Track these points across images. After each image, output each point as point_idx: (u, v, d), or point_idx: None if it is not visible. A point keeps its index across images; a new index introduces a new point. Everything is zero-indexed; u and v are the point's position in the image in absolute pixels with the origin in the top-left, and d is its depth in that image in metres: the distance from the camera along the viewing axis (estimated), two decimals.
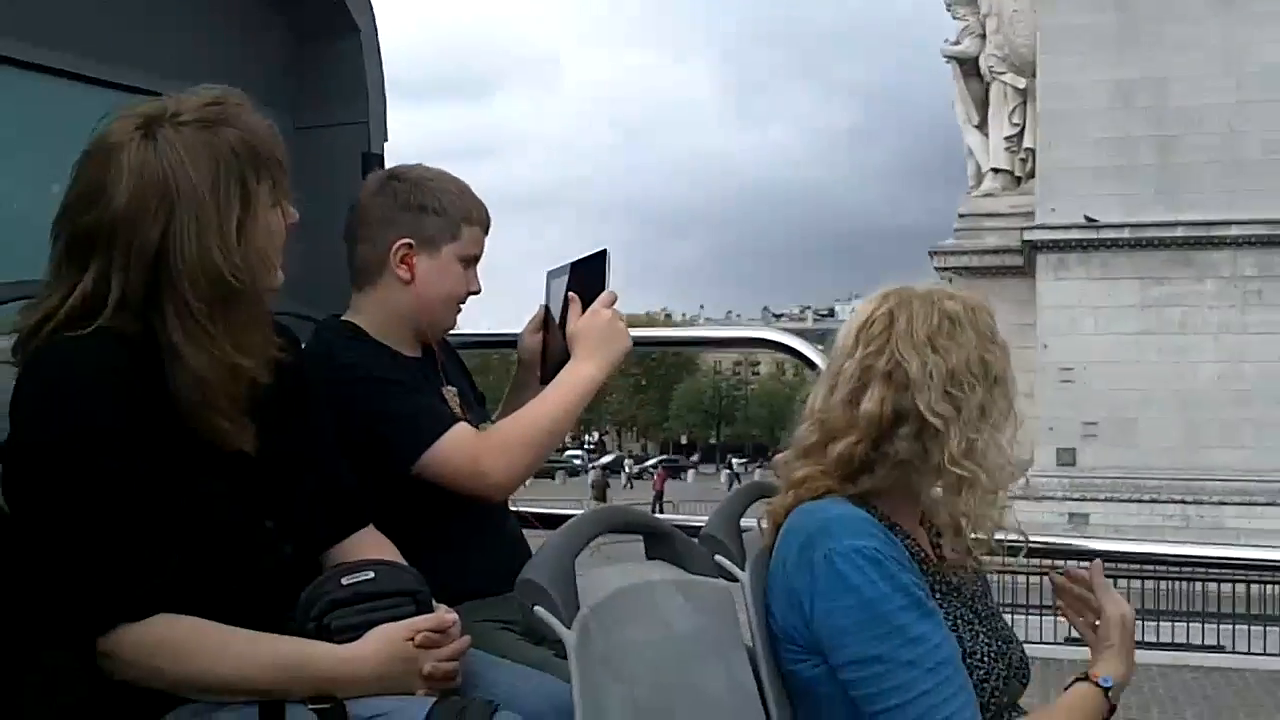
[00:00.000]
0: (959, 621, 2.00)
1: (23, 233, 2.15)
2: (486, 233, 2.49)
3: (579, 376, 2.37)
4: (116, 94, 2.48)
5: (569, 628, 1.70)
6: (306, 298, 2.62)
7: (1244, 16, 22.79)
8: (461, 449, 2.26)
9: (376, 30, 3.07)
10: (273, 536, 1.85)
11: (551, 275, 2.57)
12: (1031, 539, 2.50)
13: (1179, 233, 23.44)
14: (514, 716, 1.76)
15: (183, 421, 1.75)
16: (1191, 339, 23.21)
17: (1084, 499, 22.86)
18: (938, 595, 1.99)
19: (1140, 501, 22.12)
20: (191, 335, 1.75)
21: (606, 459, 73.54)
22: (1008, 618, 2.22)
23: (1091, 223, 23.70)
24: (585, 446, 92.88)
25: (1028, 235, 24.81)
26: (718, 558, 2.08)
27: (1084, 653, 2.15)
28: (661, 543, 2.07)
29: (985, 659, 2.00)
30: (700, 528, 2.16)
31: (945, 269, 25.37)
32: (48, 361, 1.73)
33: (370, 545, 2.02)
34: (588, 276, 2.45)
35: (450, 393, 2.47)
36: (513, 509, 2.63)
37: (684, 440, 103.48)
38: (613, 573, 1.93)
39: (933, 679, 1.87)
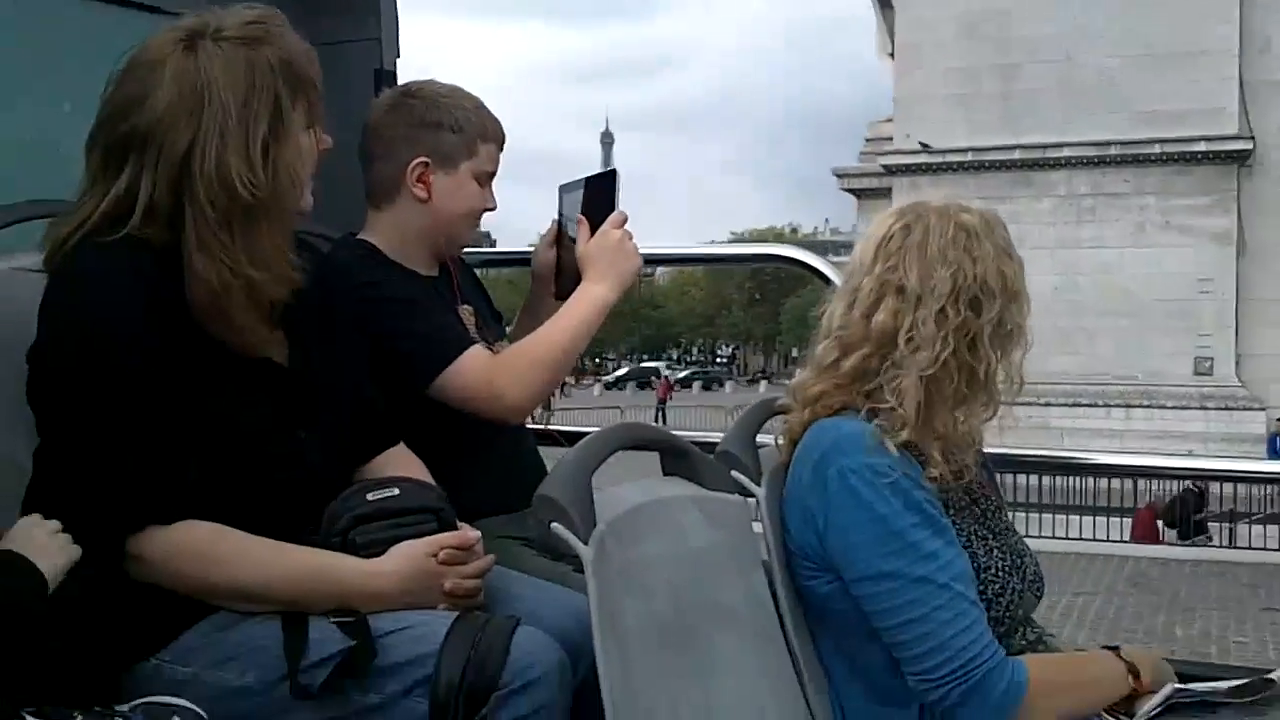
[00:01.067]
0: (973, 537, 1.94)
1: (39, 152, 2.04)
2: (501, 149, 2.39)
3: (591, 297, 2.27)
4: (126, 12, 2.40)
5: (586, 544, 1.63)
6: (319, 216, 2.50)
7: None
8: (477, 371, 2.19)
9: None
10: (304, 447, 1.80)
11: (564, 189, 2.45)
12: (1034, 450, 2.45)
13: (1017, 155, 24.34)
14: (535, 631, 1.70)
15: (202, 330, 1.71)
16: (1030, 253, 23.11)
17: None
18: (951, 511, 1.92)
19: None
20: (205, 244, 1.70)
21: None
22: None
23: (925, 148, 24.97)
24: (718, 360, 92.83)
25: (883, 160, 26.07)
26: (734, 474, 2.00)
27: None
28: (678, 459, 1.98)
29: (1000, 573, 1.93)
30: (717, 444, 2.08)
31: (848, 189, 26.74)
32: (74, 267, 1.70)
33: (402, 463, 1.97)
34: (598, 196, 2.35)
35: (466, 311, 2.39)
36: (539, 426, 2.56)
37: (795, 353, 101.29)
38: (630, 489, 1.86)
39: (944, 595, 1.80)
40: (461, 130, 2.32)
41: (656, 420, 35.44)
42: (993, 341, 1.90)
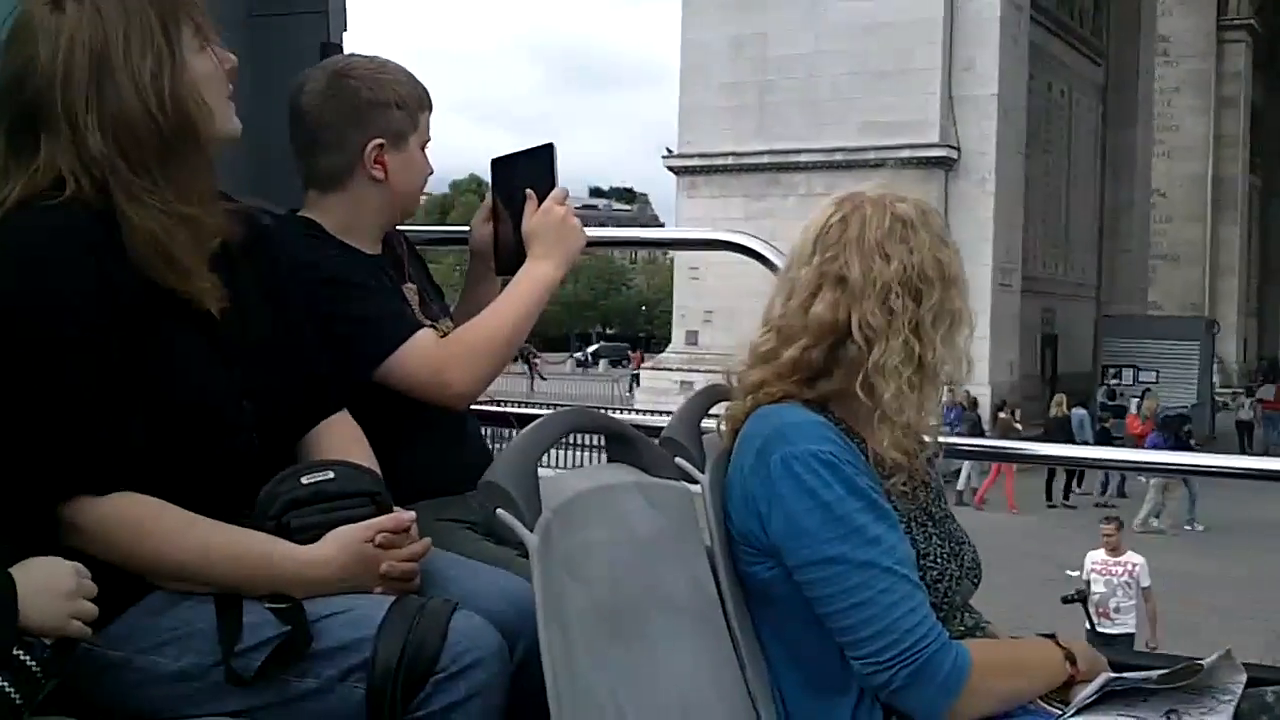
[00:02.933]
0: (913, 524, 1.84)
1: None
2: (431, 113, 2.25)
3: (536, 276, 2.11)
4: None
5: (531, 530, 1.53)
6: (263, 190, 2.30)
7: None
8: (424, 357, 2.02)
9: None
10: (247, 419, 1.68)
11: (496, 164, 2.28)
12: (979, 442, 2.21)
13: (767, 160, 26.44)
14: (472, 615, 1.59)
15: (154, 287, 1.58)
16: (781, 244, 24.17)
17: (694, 370, 24.46)
18: (893, 497, 1.82)
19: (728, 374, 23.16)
20: (132, 193, 1.58)
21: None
22: None
23: (670, 154, 28.08)
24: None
25: (667, 163, 28.40)
26: (678, 460, 1.89)
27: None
28: (623, 445, 1.88)
29: (939, 560, 1.83)
30: (662, 429, 1.98)
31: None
32: (8, 232, 1.55)
33: (343, 434, 1.84)
34: (535, 171, 2.18)
35: (410, 290, 2.21)
36: (488, 408, 2.43)
37: None
38: (575, 475, 1.78)
39: (889, 578, 1.70)
40: (405, 105, 2.14)
41: (631, 390, 35.69)
42: (936, 326, 1.80)
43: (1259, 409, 29.65)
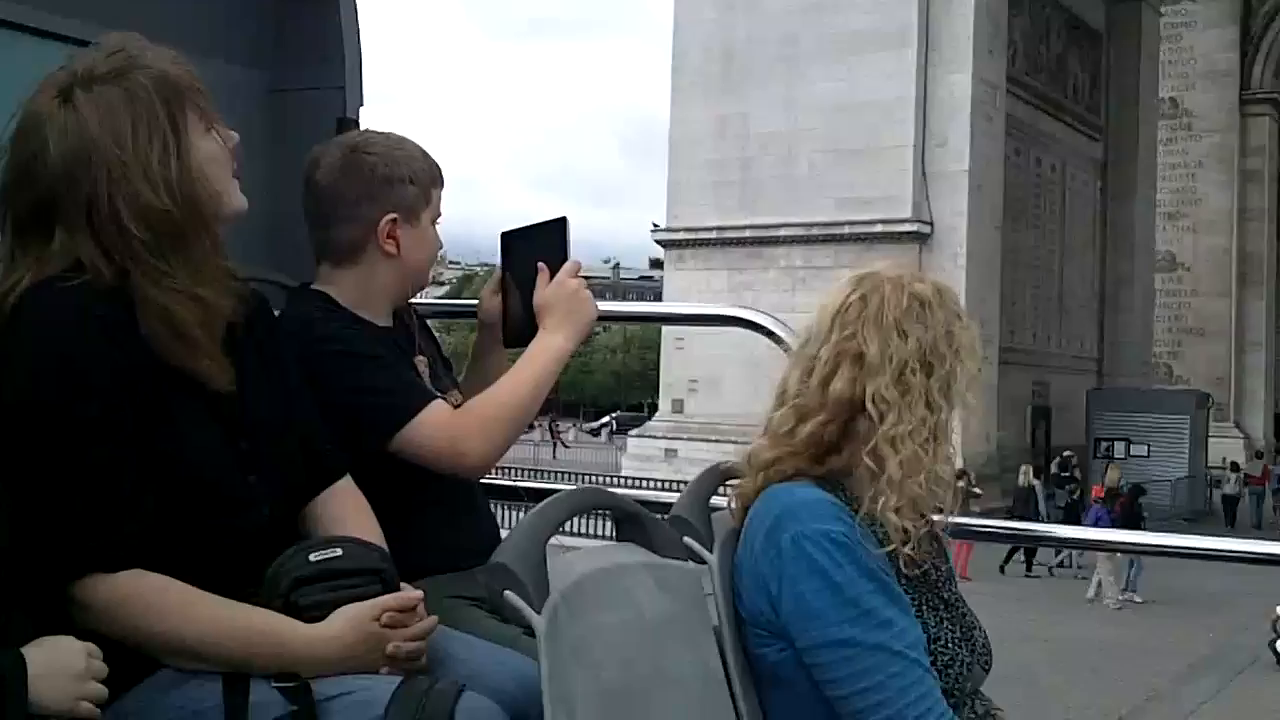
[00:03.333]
0: (924, 607, 1.81)
1: None
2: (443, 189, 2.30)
3: (549, 348, 2.12)
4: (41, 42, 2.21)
5: (539, 613, 1.53)
6: (279, 261, 2.38)
7: (798, 65, 26.59)
8: (440, 428, 2.03)
9: None
10: (255, 494, 1.68)
11: (506, 237, 2.30)
12: (987, 522, 2.23)
13: (749, 234, 27.36)
14: (479, 698, 1.58)
15: (164, 367, 1.60)
16: (759, 316, 24.92)
17: (679, 438, 24.58)
18: (903, 580, 1.80)
19: (712, 441, 23.77)
20: (149, 275, 1.60)
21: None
22: None
23: (657, 228, 29.44)
24: None
25: (655, 236, 29.66)
26: (686, 539, 1.88)
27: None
28: (632, 524, 1.88)
29: (949, 644, 1.81)
30: (671, 505, 2.00)
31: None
32: (27, 314, 1.57)
33: (347, 501, 1.84)
34: (548, 245, 2.20)
35: (421, 361, 2.24)
36: (499, 482, 2.41)
37: None
38: (583, 556, 1.76)
39: (900, 662, 1.68)
40: (418, 181, 2.16)
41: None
42: (945, 397, 1.80)
43: (1243, 482, 29.68)
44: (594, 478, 26.71)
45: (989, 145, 26.41)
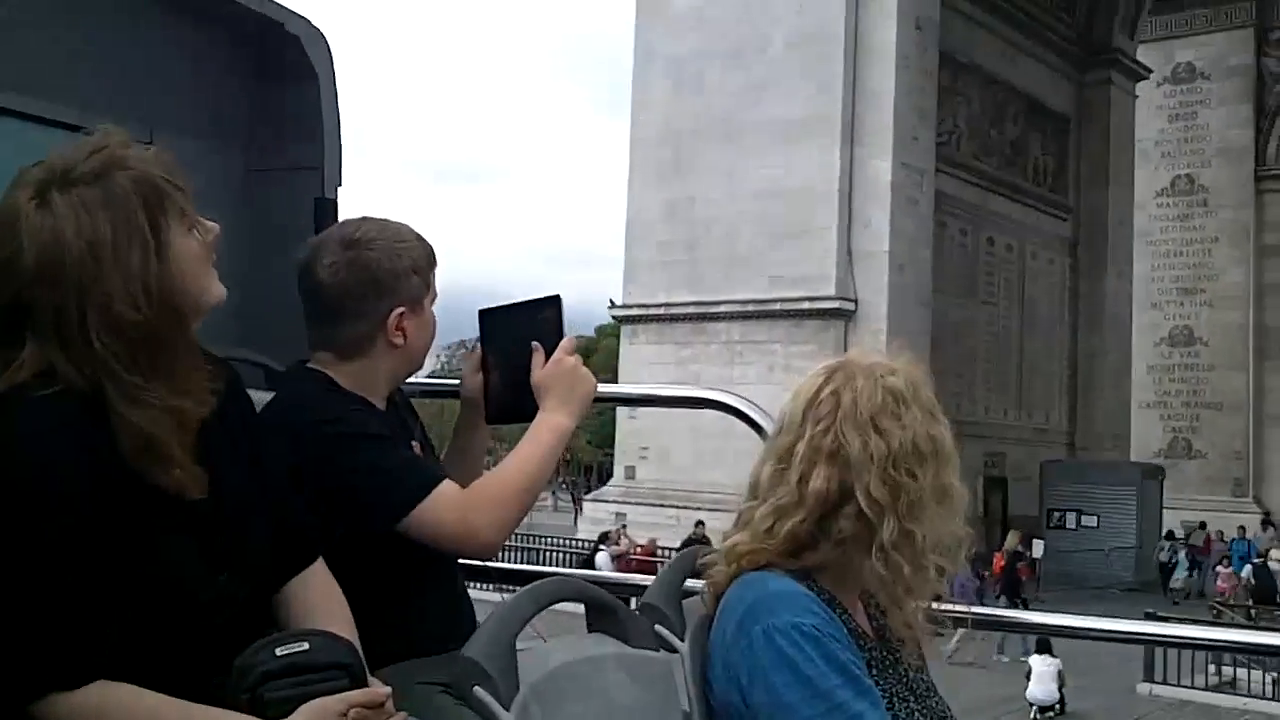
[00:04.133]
0: (894, 699, 1.80)
1: None
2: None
3: (552, 426, 2.13)
4: (67, 134, 2.16)
5: (508, 709, 1.53)
6: (256, 341, 2.40)
7: (740, 150, 28.09)
8: (451, 507, 2.03)
9: (335, 76, 2.73)
10: (227, 591, 1.65)
11: (485, 314, 2.30)
12: (973, 610, 2.29)
13: (692, 310, 29.11)
14: None
15: (134, 477, 1.55)
16: (701, 390, 26.41)
17: (628, 503, 25.54)
18: (874, 671, 1.79)
19: (658, 506, 25.18)
20: (125, 392, 1.55)
21: None
22: None
23: (614, 305, 30.81)
24: None
25: (612, 312, 31.36)
26: (658, 628, 1.89)
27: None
28: (603, 615, 1.88)
29: None
30: (646, 588, 2.01)
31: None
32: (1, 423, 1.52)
33: (319, 585, 1.81)
34: (537, 321, 2.21)
35: (415, 446, 2.23)
36: (479, 564, 2.44)
37: None
38: (553, 648, 1.77)
39: None
40: (420, 270, 2.16)
41: (575, 522, 36.66)
42: (930, 503, 1.78)
43: (1184, 552, 30.21)
44: (549, 539, 28.28)
45: (913, 226, 27.87)
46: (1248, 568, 27.24)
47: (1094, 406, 35.88)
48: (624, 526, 26.97)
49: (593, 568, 20.50)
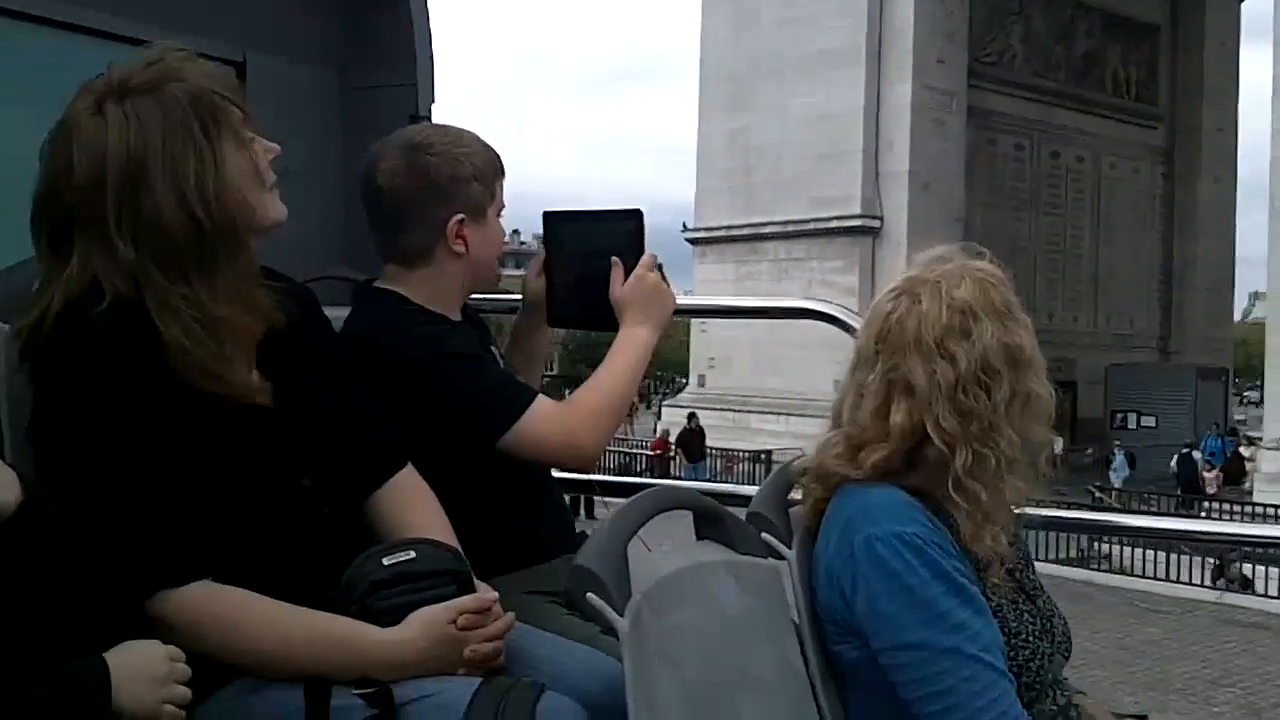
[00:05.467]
0: (1004, 602, 1.75)
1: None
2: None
3: (637, 341, 2.10)
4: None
5: (622, 615, 1.51)
6: (353, 259, 2.37)
7: (788, 82, 30.04)
8: (553, 420, 2.01)
9: None
10: (311, 495, 1.64)
11: (552, 217, 2.22)
12: (1068, 514, 2.36)
13: (748, 231, 31.47)
14: (560, 698, 1.55)
15: (192, 386, 1.54)
16: (754, 300, 28.83)
17: (699, 407, 29.32)
18: (982, 574, 1.73)
19: (720, 410, 29.29)
20: (164, 303, 1.55)
21: None
22: None
23: (686, 228, 33.04)
24: None
25: (684, 235, 33.51)
26: (765, 536, 1.84)
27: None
28: (711, 523, 1.84)
29: (1031, 638, 1.76)
30: (751, 498, 1.96)
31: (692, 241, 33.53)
32: (59, 343, 1.52)
33: (411, 493, 1.81)
34: (621, 235, 2.15)
35: (494, 354, 2.20)
36: (572, 476, 2.42)
37: None
38: (664, 555, 1.75)
39: (973, 666, 1.62)
40: (482, 177, 2.11)
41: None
42: (1010, 417, 1.71)
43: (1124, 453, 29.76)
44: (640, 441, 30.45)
45: (939, 146, 29.23)
46: (1175, 458, 26.87)
47: (1187, 311, 36.07)
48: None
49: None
